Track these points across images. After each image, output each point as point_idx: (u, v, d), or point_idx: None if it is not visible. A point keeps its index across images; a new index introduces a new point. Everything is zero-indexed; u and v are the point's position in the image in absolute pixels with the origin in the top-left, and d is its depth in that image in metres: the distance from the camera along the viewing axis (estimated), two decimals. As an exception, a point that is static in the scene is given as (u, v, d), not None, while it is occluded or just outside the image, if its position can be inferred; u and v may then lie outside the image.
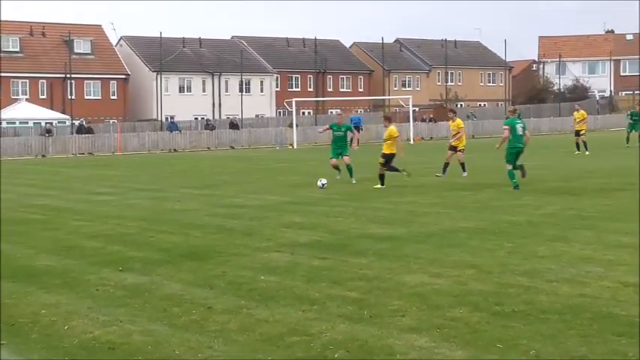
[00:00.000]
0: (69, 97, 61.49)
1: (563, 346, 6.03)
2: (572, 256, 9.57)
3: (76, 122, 55.99)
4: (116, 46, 71.01)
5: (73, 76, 61.80)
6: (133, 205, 17.09)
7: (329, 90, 76.73)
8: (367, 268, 9.16)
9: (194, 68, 70.68)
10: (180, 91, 69.61)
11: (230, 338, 6.50)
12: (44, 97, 63.28)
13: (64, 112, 60.68)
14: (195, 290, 8.28)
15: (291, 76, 76.17)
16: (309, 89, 75.49)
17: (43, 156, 46.64)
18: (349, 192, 18.33)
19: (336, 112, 24.30)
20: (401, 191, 18.11)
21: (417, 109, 65.82)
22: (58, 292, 8.40)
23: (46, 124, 52.49)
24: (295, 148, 47.97)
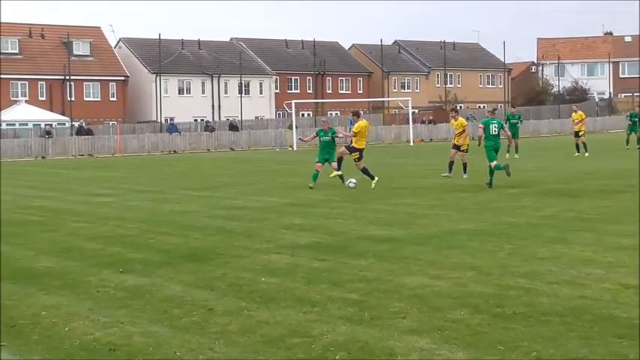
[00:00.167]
0: (68, 98, 61.53)
1: (564, 348, 6.03)
2: (572, 258, 9.56)
3: (76, 124, 56.07)
4: (115, 47, 71.01)
5: (72, 77, 61.83)
6: (132, 206, 17.08)
7: (328, 92, 76.74)
8: (367, 270, 9.16)
9: (193, 70, 70.70)
10: (179, 93, 69.62)
11: (231, 340, 6.50)
12: (43, 98, 63.26)
13: (63, 113, 60.71)
14: (195, 292, 8.28)
15: (290, 78, 76.20)
16: (309, 91, 75.56)
17: (43, 157, 46.67)
18: (349, 194, 18.35)
19: (323, 119, 24.75)
20: (400, 193, 18.13)
21: (416, 111, 65.92)
22: (58, 293, 8.40)
23: (45, 125, 52.52)
24: (295, 149, 47.97)
